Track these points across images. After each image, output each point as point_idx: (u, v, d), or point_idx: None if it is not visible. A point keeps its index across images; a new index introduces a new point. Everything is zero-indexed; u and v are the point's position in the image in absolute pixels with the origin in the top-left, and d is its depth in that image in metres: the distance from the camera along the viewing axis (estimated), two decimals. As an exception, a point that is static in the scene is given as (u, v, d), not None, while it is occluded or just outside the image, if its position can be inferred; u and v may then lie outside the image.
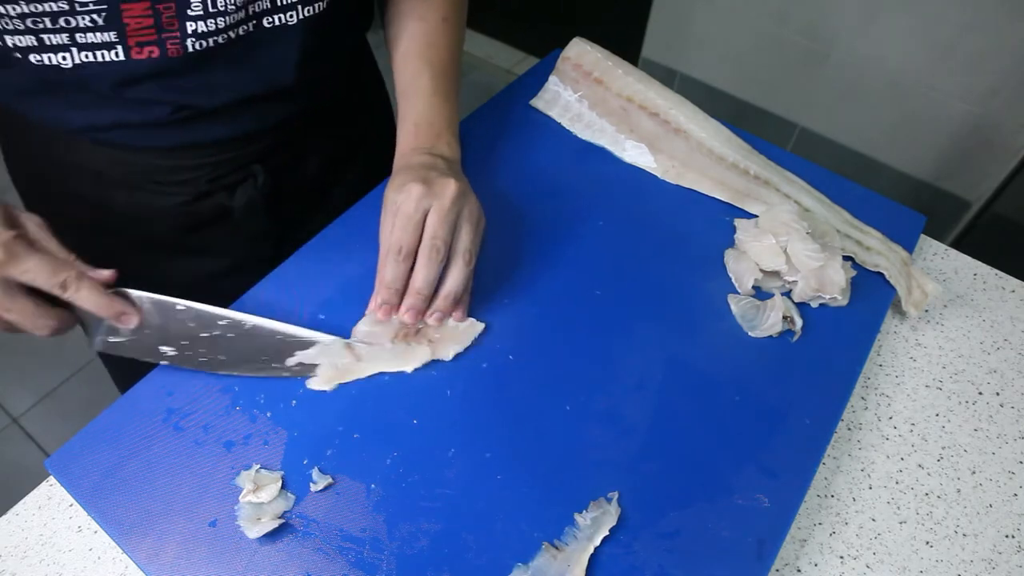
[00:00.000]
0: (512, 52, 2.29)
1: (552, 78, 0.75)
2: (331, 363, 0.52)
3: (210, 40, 0.50)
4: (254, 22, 0.52)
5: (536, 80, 0.76)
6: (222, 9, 0.49)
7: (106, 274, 0.48)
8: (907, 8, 1.36)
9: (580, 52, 0.74)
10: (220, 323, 0.51)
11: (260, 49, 0.54)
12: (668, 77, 1.79)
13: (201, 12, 0.48)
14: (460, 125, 0.64)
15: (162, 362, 0.51)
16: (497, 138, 0.71)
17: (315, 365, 0.52)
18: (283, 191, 0.64)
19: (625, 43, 1.81)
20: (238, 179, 0.61)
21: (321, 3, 0.54)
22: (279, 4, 0.52)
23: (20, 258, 0.44)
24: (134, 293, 0.50)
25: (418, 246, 0.51)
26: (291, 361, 0.52)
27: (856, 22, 1.44)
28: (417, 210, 0.51)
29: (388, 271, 0.51)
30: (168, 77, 0.51)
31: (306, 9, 0.54)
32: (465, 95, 0.66)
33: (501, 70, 2.25)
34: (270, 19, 0.53)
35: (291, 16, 0.53)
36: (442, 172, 0.54)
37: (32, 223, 0.47)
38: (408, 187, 0.51)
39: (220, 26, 0.50)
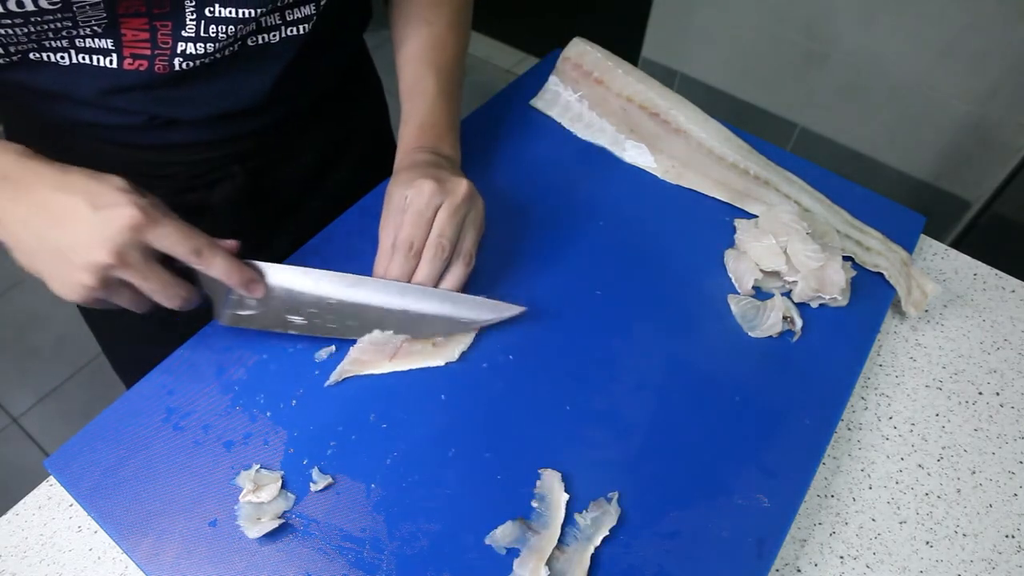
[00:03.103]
0: (512, 52, 2.29)
1: (552, 78, 0.75)
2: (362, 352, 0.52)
3: (197, 62, 0.51)
4: (239, 43, 0.52)
5: (536, 80, 0.76)
6: (213, 36, 0.49)
7: (231, 243, 0.49)
8: (907, 8, 1.36)
9: (580, 52, 0.74)
10: (349, 289, 0.52)
11: (241, 67, 0.54)
12: (668, 77, 1.80)
13: (194, 35, 0.49)
14: (460, 125, 0.64)
15: (291, 331, 0.52)
16: (497, 138, 0.71)
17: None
18: (264, 190, 0.64)
19: (625, 43, 1.81)
20: (217, 177, 0.61)
21: (306, 24, 0.54)
22: (264, 25, 0.53)
23: (158, 223, 0.44)
24: (259, 264, 0.51)
25: (425, 242, 0.52)
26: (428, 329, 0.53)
27: (856, 22, 1.44)
28: (428, 207, 0.51)
29: (396, 266, 0.52)
30: (151, 89, 0.52)
31: (289, 29, 0.54)
32: (465, 95, 0.66)
33: (501, 70, 2.25)
34: (254, 39, 0.53)
35: (274, 35, 0.54)
36: (451, 171, 0.55)
37: (153, 196, 0.46)
38: (420, 183, 0.51)
39: (209, 50, 0.50)
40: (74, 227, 0.43)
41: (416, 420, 0.50)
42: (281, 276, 0.51)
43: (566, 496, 0.46)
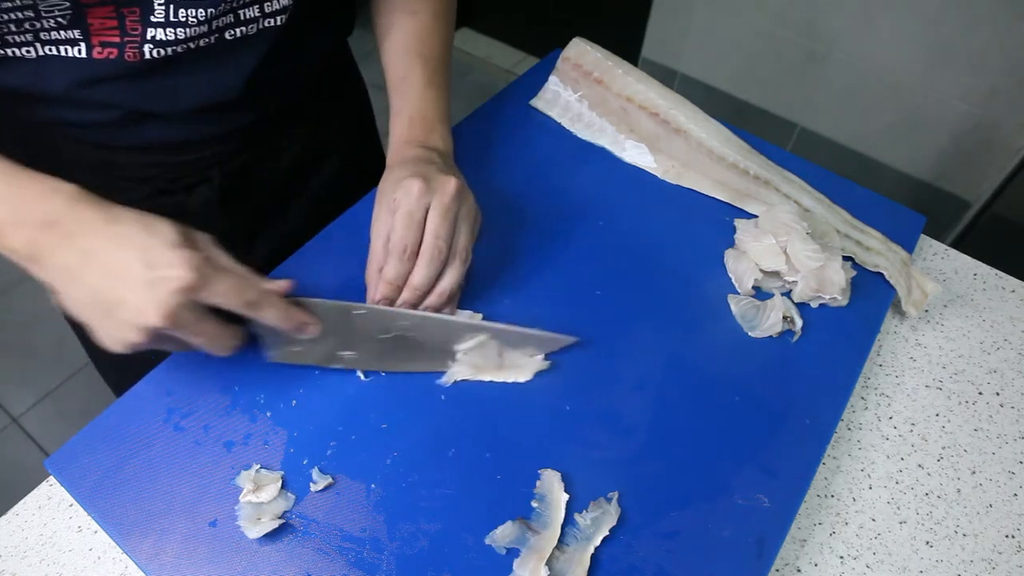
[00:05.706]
0: (512, 52, 2.29)
1: (552, 78, 0.75)
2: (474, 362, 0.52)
3: (168, 49, 0.50)
4: (216, 35, 0.52)
5: (536, 80, 0.76)
6: (183, 21, 0.48)
7: (284, 284, 0.48)
8: (907, 8, 1.36)
9: (580, 52, 0.74)
10: (401, 323, 0.52)
11: (217, 60, 0.53)
12: (668, 77, 1.79)
13: (163, 20, 0.48)
14: (460, 125, 0.64)
15: (340, 366, 0.52)
16: (497, 138, 0.71)
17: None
18: (244, 193, 0.64)
19: (625, 43, 1.81)
20: (196, 180, 0.60)
21: (283, 16, 0.54)
22: (242, 18, 0.52)
23: (212, 281, 0.43)
24: (311, 301, 0.50)
25: (419, 243, 0.51)
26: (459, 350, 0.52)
27: (856, 22, 1.44)
28: (419, 208, 0.51)
29: (391, 269, 0.51)
30: (124, 80, 0.51)
31: (266, 21, 0.53)
32: (465, 95, 0.66)
33: (501, 70, 2.25)
34: (232, 32, 0.52)
35: (252, 28, 0.53)
36: (440, 168, 0.54)
37: (204, 240, 0.45)
38: (407, 183, 0.51)
39: (180, 37, 0.49)
40: (125, 285, 0.41)
41: (416, 420, 0.50)
42: (330, 312, 0.51)
43: (566, 496, 0.46)
